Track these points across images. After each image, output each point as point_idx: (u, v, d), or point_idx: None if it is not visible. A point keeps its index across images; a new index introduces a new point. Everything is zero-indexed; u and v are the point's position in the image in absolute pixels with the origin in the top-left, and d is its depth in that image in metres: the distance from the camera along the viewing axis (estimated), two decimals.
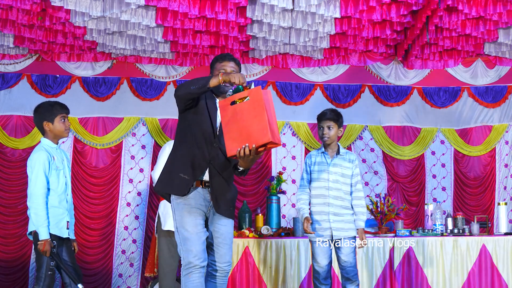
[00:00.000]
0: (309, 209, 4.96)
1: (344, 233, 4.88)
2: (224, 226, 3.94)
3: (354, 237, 4.92)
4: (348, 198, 4.93)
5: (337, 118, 5.00)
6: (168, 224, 5.70)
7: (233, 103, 3.58)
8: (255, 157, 3.59)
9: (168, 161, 3.94)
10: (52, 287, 4.42)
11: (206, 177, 3.87)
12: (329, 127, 4.95)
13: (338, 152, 5.01)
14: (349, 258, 4.87)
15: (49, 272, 4.37)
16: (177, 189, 3.82)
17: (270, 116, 3.52)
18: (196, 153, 3.82)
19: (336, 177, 4.93)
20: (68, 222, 4.53)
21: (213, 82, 3.63)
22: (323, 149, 5.04)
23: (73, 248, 4.65)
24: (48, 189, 4.46)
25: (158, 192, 4.00)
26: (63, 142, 7.48)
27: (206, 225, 3.92)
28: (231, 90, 3.68)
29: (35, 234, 4.42)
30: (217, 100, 3.96)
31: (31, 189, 4.41)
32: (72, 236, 4.64)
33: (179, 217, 3.80)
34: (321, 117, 5.00)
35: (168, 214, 5.71)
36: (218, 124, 3.87)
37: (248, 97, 3.54)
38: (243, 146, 3.50)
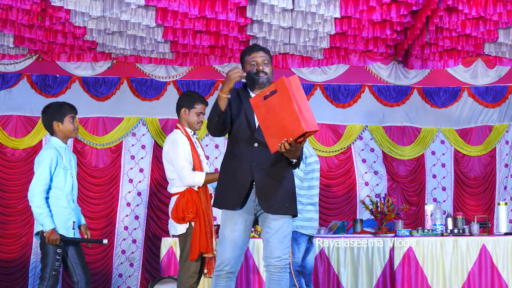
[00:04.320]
0: None
1: None
2: (274, 220, 3.73)
3: None
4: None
5: None
6: None
7: (265, 97, 3.44)
8: (299, 146, 3.49)
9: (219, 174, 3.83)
10: None
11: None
12: None
13: None
14: None
15: (53, 273, 4.35)
16: (227, 204, 3.72)
17: (300, 104, 3.37)
18: (240, 158, 3.70)
19: None
20: (74, 222, 4.53)
21: (221, 103, 3.55)
22: None
23: (85, 235, 4.67)
24: (50, 188, 4.45)
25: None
26: None
27: (256, 222, 3.81)
28: None
29: (42, 234, 4.40)
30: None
31: (33, 183, 4.41)
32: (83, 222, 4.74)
33: (221, 218, 3.75)
34: None
35: None
36: (256, 123, 3.71)
37: (276, 90, 3.40)
38: (283, 142, 3.40)
